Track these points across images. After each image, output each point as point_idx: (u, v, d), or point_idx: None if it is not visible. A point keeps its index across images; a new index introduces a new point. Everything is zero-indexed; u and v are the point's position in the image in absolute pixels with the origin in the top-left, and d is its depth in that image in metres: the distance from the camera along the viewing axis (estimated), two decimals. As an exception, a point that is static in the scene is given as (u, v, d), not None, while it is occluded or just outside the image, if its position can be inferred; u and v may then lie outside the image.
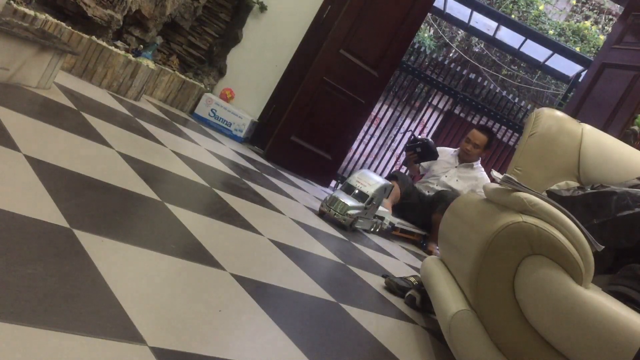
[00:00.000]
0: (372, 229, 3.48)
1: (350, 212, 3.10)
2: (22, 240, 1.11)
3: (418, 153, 4.12)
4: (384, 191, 3.35)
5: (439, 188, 4.11)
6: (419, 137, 4.24)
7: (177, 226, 1.68)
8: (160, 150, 2.51)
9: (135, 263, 1.31)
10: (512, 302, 1.47)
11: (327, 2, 4.30)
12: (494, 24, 7.67)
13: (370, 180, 3.27)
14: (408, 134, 4.36)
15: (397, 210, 3.97)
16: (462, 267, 1.74)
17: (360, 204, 3.16)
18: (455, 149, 4.35)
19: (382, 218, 3.55)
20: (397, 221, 3.77)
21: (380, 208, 3.49)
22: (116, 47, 3.27)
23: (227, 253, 1.69)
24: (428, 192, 4.11)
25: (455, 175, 4.17)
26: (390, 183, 3.47)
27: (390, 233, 3.76)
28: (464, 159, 4.22)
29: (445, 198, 3.86)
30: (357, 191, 3.20)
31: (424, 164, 4.32)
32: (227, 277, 1.50)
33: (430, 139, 4.21)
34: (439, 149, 4.38)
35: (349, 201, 3.12)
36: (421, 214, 3.99)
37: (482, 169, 4.28)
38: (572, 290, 1.38)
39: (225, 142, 3.82)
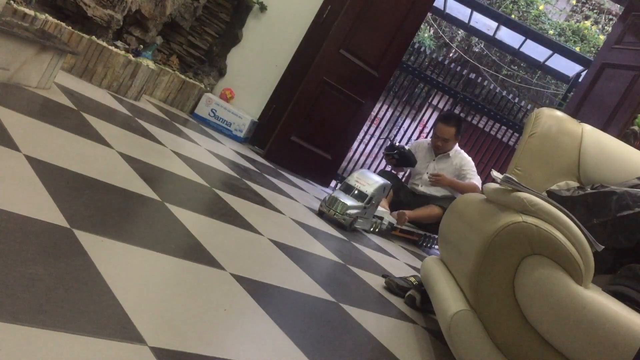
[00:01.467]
0: (371, 229, 3.48)
1: (350, 211, 3.10)
2: (22, 240, 1.11)
3: (396, 159, 4.06)
4: (382, 190, 3.35)
5: (423, 189, 4.08)
6: (397, 144, 4.13)
7: (177, 226, 1.68)
8: (160, 150, 2.51)
9: (135, 263, 1.31)
10: (512, 302, 1.47)
11: (327, 2, 4.30)
12: (494, 24, 7.67)
13: (369, 180, 3.27)
14: (389, 140, 4.21)
15: (391, 208, 3.96)
16: (462, 267, 1.74)
17: (360, 204, 3.17)
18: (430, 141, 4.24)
19: (381, 218, 3.55)
20: (396, 221, 3.77)
21: (380, 208, 3.49)
22: (116, 47, 3.27)
23: (227, 253, 1.69)
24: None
25: (436, 169, 4.10)
26: (389, 182, 3.47)
27: (389, 233, 3.75)
28: (439, 153, 4.14)
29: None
30: (356, 191, 3.20)
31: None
32: (227, 277, 1.50)
33: (406, 148, 4.07)
34: (414, 142, 4.36)
35: (349, 201, 3.12)
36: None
37: (461, 152, 4.15)
38: (572, 290, 1.38)
39: (225, 142, 3.82)
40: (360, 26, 4.16)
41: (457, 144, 4.17)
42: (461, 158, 4.12)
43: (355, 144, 6.14)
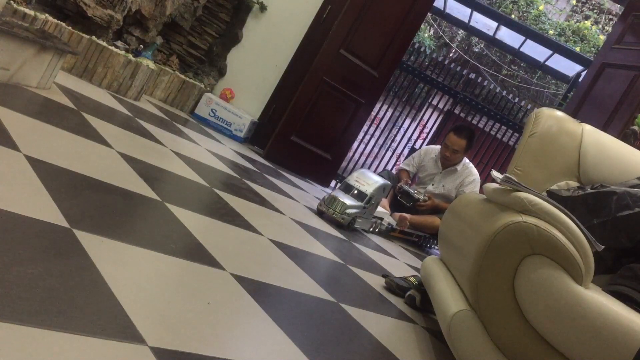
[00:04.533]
0: (371, 229, 3.48)
1: (349, 211, 3.10)
2: (22, 240, 1.11)
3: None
4: (382, 191, 3.35)
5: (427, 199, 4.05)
6: (412, 193, 3.94)
7: (177, 226, 1.68)
8: (161, 150, 2.51)
9: (135, 263, 1.31)
10: (512, 302, 1.47)
11: (327, 2, 4.30)
12: (494, 24, 7.67)
13: (369, 180, 3.27)
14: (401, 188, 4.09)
15: (392, 209, 3.95)
16: (462, 267, 1.74)
17: (359, 204, 3.16)
18: (439, 150, 4.14)
19: (381, 219, 3.55)
20: (396, 223, 3.76)
21: (380, 209, 3.49)
22: (116, 47, 3.27)
23: (227, 253, 1.68)
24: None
25: (441, 182, 4.05)
26: (389, 182, 3.47)
27: (389, 234, 3.75)
28: (446, 164, 4.05)
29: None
30: (355, 191, 3.20)
31: (411, 169, 4.25)
32: (227, 277, 1.50)
33: (416, 196, 3.92)
34: (423, 149, 4.32)
35: (348, 200, 3.12)
36: (418, 213, 3.96)
37: (469, 167, 4.07)
38: (572, 290, 1.38)
39: (225, 142, 3.82)
40: (360, 26, 4.15)
41: (465, 157, 4.09)
42: (467, 174, 4.03)
43: (355, 144, 6.14)
